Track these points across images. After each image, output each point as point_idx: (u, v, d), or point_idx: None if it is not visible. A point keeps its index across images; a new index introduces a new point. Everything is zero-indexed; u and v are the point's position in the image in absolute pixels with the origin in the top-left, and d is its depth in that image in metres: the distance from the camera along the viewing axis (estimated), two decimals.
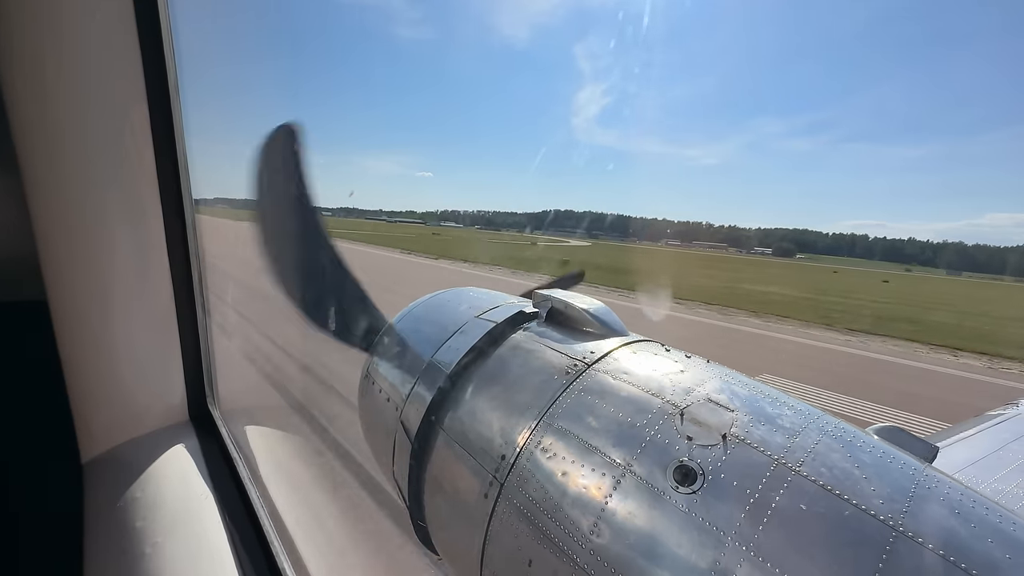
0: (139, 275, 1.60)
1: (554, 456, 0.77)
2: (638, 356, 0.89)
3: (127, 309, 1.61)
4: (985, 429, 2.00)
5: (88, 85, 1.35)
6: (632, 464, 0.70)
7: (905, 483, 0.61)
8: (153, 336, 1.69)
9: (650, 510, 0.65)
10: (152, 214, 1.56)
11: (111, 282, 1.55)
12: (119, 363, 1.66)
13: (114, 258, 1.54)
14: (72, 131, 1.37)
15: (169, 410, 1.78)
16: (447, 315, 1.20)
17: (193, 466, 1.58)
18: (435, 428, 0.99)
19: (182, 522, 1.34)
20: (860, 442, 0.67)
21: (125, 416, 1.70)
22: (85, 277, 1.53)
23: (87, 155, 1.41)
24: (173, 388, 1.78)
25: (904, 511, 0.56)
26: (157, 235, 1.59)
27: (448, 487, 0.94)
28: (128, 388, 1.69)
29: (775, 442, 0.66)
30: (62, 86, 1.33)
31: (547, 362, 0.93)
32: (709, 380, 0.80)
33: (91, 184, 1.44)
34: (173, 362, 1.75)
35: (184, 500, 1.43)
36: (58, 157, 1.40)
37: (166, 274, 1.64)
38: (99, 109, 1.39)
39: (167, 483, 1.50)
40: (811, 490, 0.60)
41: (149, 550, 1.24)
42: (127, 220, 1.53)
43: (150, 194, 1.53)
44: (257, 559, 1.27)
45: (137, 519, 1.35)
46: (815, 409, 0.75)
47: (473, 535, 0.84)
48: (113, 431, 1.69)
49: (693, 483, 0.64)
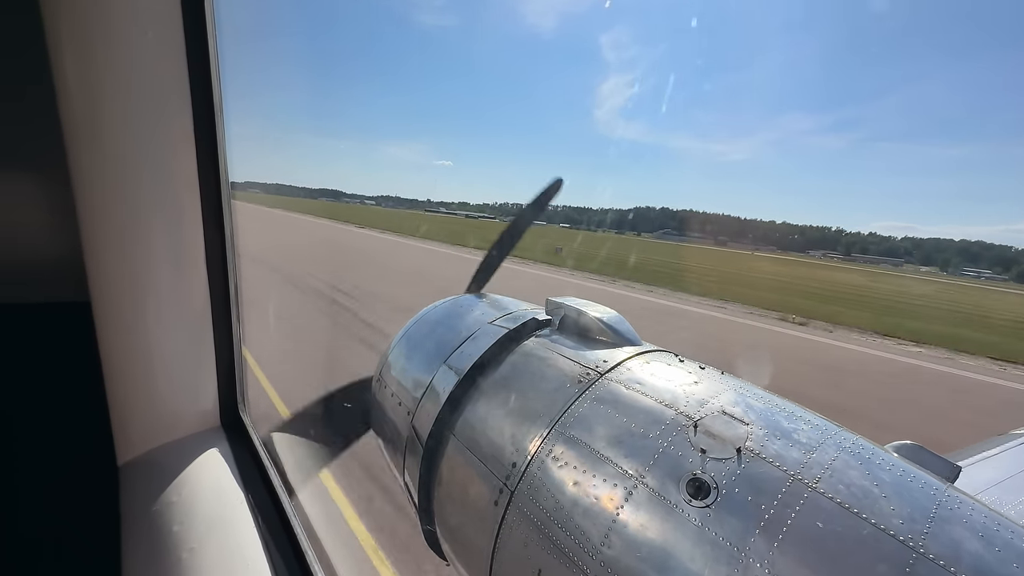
0: (177, 279, 1.61)
1: (565, 465, 0.77)
2: (651, 366, 0.89)
3: (166, 313, 1.63)
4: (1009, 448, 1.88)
5: (135, 87, 1.38)
6: (644, 476, 0.69)
7: (926, 503, 0.59)
8: (189, 340, 1.71)
9: (662, 523, 0.64)
10: (192, 218, 1.58)
11: (152, 285, 1.57)
12: (157, 367, 1.68)
13: (155, 261, 1.56)
14: (119, 133, 1.40)
15: (202, 415, 1.80)
16: (460, 321, 1.20)
17: (227, 472, 1.59)
18: (446, 433, 0.99)
19: (218, 528, 1.35)
20: (879, 459, 0.65)
21: (161, 420, 1.72)
22: (127, 279, 1.55)
23: (133, 157, 1.44)
24: (207, 393, 1.80)
25: (925, 532, 0.54)
26: (196, 239, 1.61)
27: (458, 493, 0.94)
28: (165, 392, 1.71)
29: (791, 457, 0.65)
30: (111, 89, 1.36)
31: (559, 370, 0.92)
32: (724, 392, 0.79)
33: (136, 187, 1.46)
34: (207, 367, 1.77)
35: (219, 506, 1.44)
36: (105, 159, 1.42)
37: (203, 278, 1.65)
38: (145, 112, 1.41)
39: (201, 488, 1.52)
40: (828, 508, 0.58)
41: (186, 555, 1.25)
42: (168, 224, 1.55)
43: (191, 198, 1.55)
44: (292, 567, 1.28)
45: (174, 523, 1.36)
46: (832, 424, 0.73)
47: (483, 542, 0.84)
48: (149, 435, 1.72)
49: (707, 497, 0.63)
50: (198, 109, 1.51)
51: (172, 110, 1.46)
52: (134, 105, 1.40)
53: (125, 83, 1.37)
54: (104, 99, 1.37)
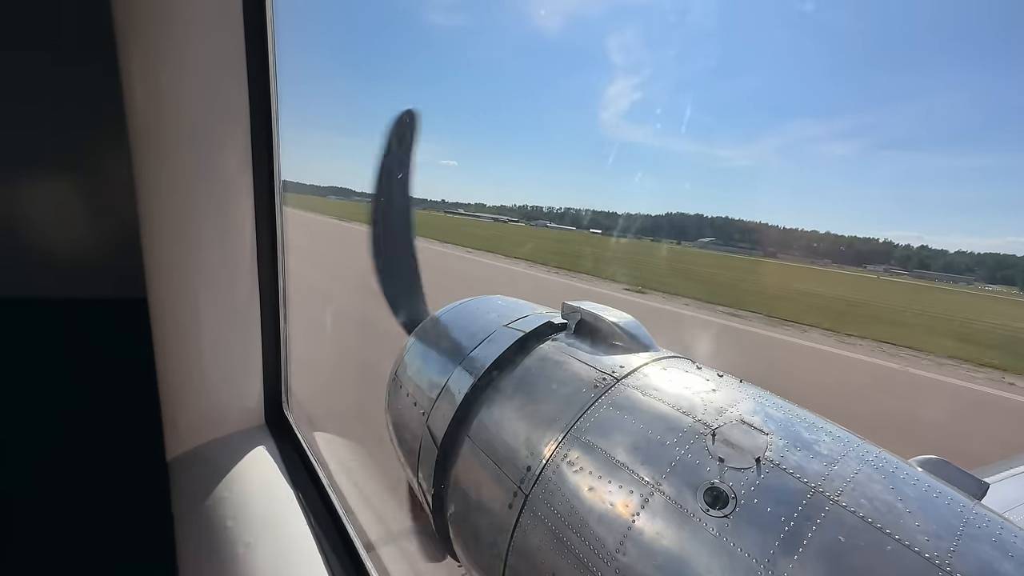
0: (229, 278, 1.66)
1: (581, 470, 0.77)
2: (669, 373, 0.88)
3: (217, 311, 1.68)
4: None
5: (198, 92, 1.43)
6: (661, 483, 0.69)
7: (953, 520, 0.56)
8: (238, 339, 1.76)
9: (679, 531, 0.64)
10: (246, 216, 1.62)
11: (205, 283, 1.62)
12: (207, 364, 1.73)
13: (209, 260, 1.61)
14: (180, 139, 1.45)
15: (248, 412, 1.84)
16: (475, 323, 1.20)
17: (275, 468, 1.62)
18: (461, 435, 1.00)
19: (271, 524, 1.38)
20: (903, 474, 0.63)
21: (210, 416, 1.77)
22: (182, 277, 1.60)
23: (191, 163, 1.48)
24: (252, 391, 1.85)
25: (952, 550, 0.52)
26: (249, 238, 1.65)
27: (472, 496, 0.94)
28: (214, 389, 1.77)
29: (812, 469, 0.63)
30: (175, 93, 1.40)
31: (575, 374, 0.92)
32: (743, 401, 0.78)
33: (195, 185, 1.51)
34: (253, 365, 1.81)
35: (270, 502, 1.48)
36: (166, 165, 1.47)
37: (253, 279, 1.70)
38: (206, 111, 1.46)
39: (252, 484, 1.55)
40: (850, 522, 0.57)
41: (242, 550, 1.28)
42: (223, 222, 1.59)
43: (245, 201, 1.60)
44: (345, 564, 1.30)
45: (227, 518, 1.39)
46: (854, 436, 0.71)
47: (496, 545, 0.84)
48: (197, 431, 1.77)
49: (725, 506, 0.63)
50: (256, 113, 1.55)
51: (230, 116, 1.51)
52: (195, 113, 1.46)
53: (187, 93, 1.43)
54: (167, 108, 1.43)
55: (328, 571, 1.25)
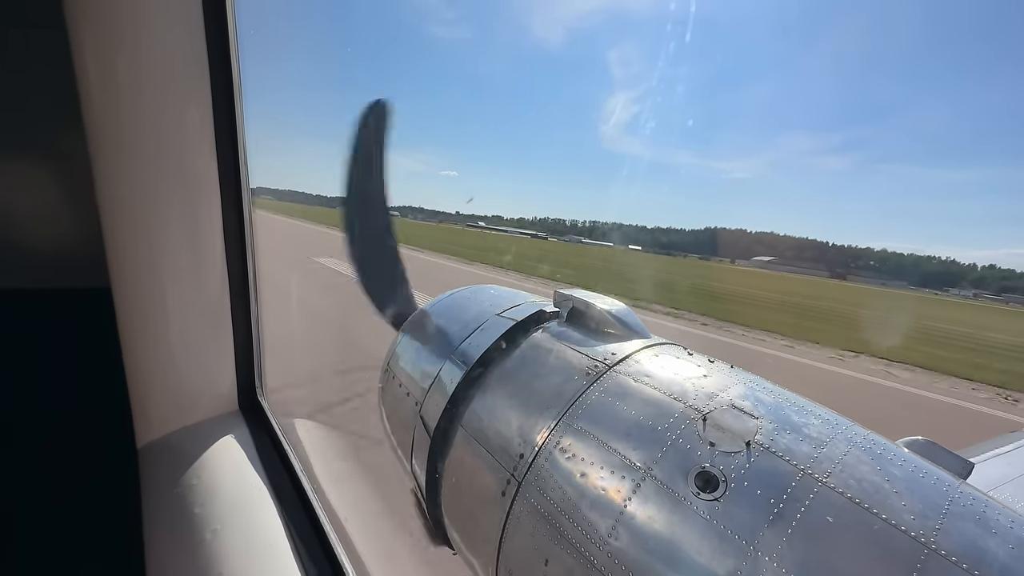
0: (197, 264, 1.64)
1: (573, 457, 0.77)
2: (660, 359, 0.88)
3: (184, 298, 1.66)
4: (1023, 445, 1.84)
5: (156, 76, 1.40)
6: (652, 468, 0.69)
7: (938, 499, 0.58)
8: (208, 325, 1.74)
9: (670, 515, 0.65)
10: (212, 204, 1.60)
11: (171, 271, 1.60)
12: (176, 351, 1.71)
13: (175, 247, 1.59)
14: (138, 124, 1.42)
15: (220, 399, 1.83)
16: (468, 312, 1.20)
17: (244, 456, 1.62)
18: (454, 424, 1.00)
19: (240, 510, 1.38)
20: (891, 455, 0.65)
21: (180, 403, 1.76)
22: (146, 266, 1.58)
23: (152, 148, 1.45)
24: (224, 378, 1.84)
25: (937, 528, 0.54)
26: (216, 225, 1.63)
27: (465, 484, 0.94)
28: (183, 376, 1.75)
29: (801, 452, 0.64)
30: (132, 77, 1.37)
31: (567, 362, 0.92)
32: (733, 386, 0.78)
33: (156, 174, 1.49)
34: (225, 352, 1.80)
35: (239, 489, 1.47)
36: (124, 150, 1.44)
37: (222, 264, 1.68)
38: (165, 103, 1.43)
39: (222, 471, 1.55)
40: (838, 502, 0.58)
41: (209, 536, 1.28)
42: (188, 210, 1.57)
43: (210, 185, 1.57)
44: (314, 550, 1.30)
45: (195, 505, 1.39)
46: (843, 419, 0.72)
47: (490, 532, 0.85)
48: (168, 418, 1.76)
49: (715, 490, 0.63)
50: (218, 101, 1.52)
51: (191, 101, 1.47)
52: (153, 97, 1.42)
53: (145, 77, 1.39)
54: (124, 92, 1.39)
55: (296, 555, 1.26)
